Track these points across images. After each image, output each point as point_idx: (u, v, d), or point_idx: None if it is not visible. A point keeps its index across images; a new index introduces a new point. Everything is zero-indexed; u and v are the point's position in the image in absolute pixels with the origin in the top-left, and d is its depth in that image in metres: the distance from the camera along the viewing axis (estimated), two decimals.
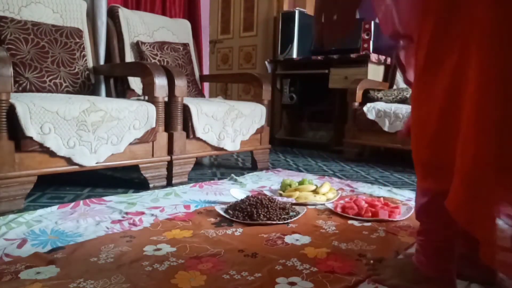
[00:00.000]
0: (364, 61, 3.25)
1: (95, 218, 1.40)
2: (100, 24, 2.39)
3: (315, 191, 1.77)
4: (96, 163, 1.70)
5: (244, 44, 4.47)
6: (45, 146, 1.52)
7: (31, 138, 1.48)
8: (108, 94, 2.39)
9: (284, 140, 3.92)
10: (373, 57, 3.24)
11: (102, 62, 2.40)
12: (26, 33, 1.95)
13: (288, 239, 1.26)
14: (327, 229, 1.37)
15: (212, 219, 1.43)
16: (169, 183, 2.01)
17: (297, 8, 3.82)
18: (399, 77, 3.30)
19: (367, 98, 3.04)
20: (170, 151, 2.02)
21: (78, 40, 2.16)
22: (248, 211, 1.42)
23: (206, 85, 3.15)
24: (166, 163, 2.01)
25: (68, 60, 2.08)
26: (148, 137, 1.88)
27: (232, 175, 2.21)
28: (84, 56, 2.18)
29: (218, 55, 4.73)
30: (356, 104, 2.98)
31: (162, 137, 1.97)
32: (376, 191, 1.95)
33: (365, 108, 2.85)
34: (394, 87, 3.29)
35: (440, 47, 0.70)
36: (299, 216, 1.47)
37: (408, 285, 0.89)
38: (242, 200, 1.52)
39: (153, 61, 2.40)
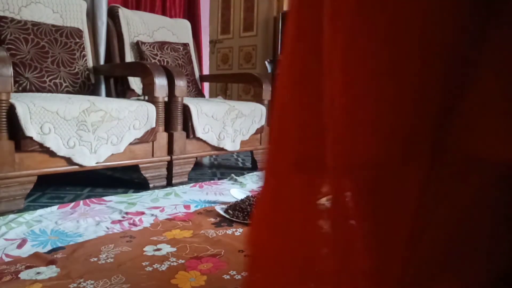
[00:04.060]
0: None
1: (95, 218, 1.40)
2: (100, 24, 2.39)
3: None
4: (96, 163, 1.70)
5: (244, 44, 4.47)
6: (45, 146, 1.52)
7: (31, 138, 1.48)
8: (108, 94, 2.39)
9: None
10: None
11: (102, 62, 2.40)
12: (26, 33, 1.95)
13: None
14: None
15: (212, 219, 1.43)
16: (169, 183, 2.01)
17: None
18: None
19: None
20: (170, 151, 2.02)
21: (78, 40, 2.16)
22: (248, 211, 1.42)
23: (206, 85, 3.15)
24: (166, 163, 2.01)
25: (68, 60, 2.08)
26: (148, 137, 1.88)
27: (232, 175, 2.21)
28: (84, 56, 2.18)
29: (218, 55, 4.73)
30: None
31: (162, 137, 1.97)
32: None
33: None
34: None
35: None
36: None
37: None
38: (242, 200, 1.52)
39: (153, 61, 2.40)
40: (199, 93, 2.73)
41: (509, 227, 0.53)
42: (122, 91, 2.42)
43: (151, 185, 1.94)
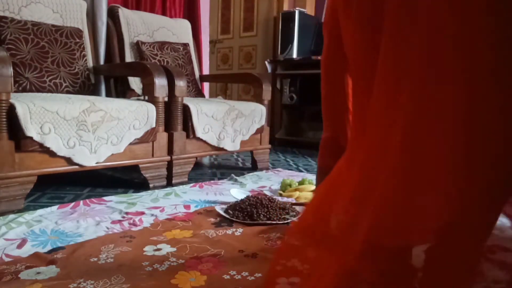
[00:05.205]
0: None
1: (95, 218, 1.40)
2: (100, 24, 2.39)
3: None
4: (96, 163, 1.70)
5: (244, 44, 4.46)
6: (45, 146, 1.52)
7: (31, 138, 1.48)
8: (108, 94, 2.39)
9: (284, 140, 3.92)
10: None
11: (102, 62, 2.40)
12: (26, 33, 1.95)
13: None
14: None
15: (212, 219, 1.43)
16: (169, 183, 2.01)
17: (297, 8, 3.82)
18: None
19: None
20: (170, 151, 2.02)
21: (78, 40, 2.16)
22: (248, 211, 1.42)
23: (206, 85, 3.15)
24: (166, 163, 2.01)
25: (68, 60, 2.08)
26: (148, 137, 1.88)
27: (232, 175, 2.21)
28: (84, 56, 2.18)
29: (218, 55, 4.73)
30: None
31: (162, 137, 1.97)
32: None
33: None
34: None
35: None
36: (299, 216, 1.46)
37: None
38: (242, 200, 1.52)
39: (153, 61, 2.40)
40: (199, 93, 2.72)
41: None
42: (122, 91, 2.42)
43: (151, 185, 1.94)
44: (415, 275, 0.63)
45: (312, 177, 2.19)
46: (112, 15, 2.48)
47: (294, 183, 1.85)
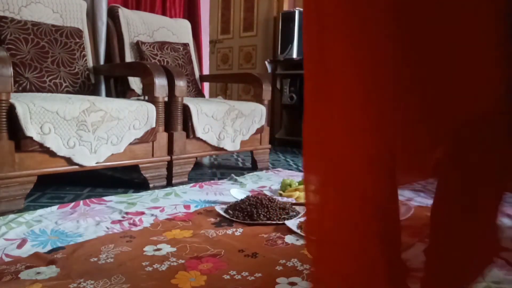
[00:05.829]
0: None
1: (95, 218, 1.40)
2: (100, 24, 2.39)
3: None
4: (96, 163, 1.70)
5: (244, 44, 4.46)
6: (45, 146, 1.52)
7: (31, 138, 1.48)
8: (108, 94, 2.39)
9: (284, 140, 3.92)
10: None
11: (102, 62, 2.40)
12: (26, 33, 1.95)
13: (288, 239, 1.26)
14: None
15: (212, 219, 1.43)
16: (169, 183, 2.01)
17: (297, 8, 3.82)
18: None
19: None
20: (170, 151, 2.02)
21: (78, 40, 2.16)
22: (248, 211, 1.42)
23: (206, 85, 3.15)
24: (166, 163, 2.01)
25: (68, 60, 2.08)
26: (148, 137, 1.88)
27: (232, 175, 2.21)
28: (84, 56, 2.18)
29: (218, 55, 4.73)
30: None
31: (162, 137, 1.97)
32: None
33: None
34: None
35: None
36: (299, 216, 1.47)
37: None
38: (242, 200, 1.52)
39: (153, 61, 2.40)
40: (199, 93, 2.73)
41: None
42: (122, 91, 2.42)
43: (151, 185, 1.94)
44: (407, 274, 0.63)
45: None
46: (112, 15, 2.48)
47: (294, 183, 1.85)
